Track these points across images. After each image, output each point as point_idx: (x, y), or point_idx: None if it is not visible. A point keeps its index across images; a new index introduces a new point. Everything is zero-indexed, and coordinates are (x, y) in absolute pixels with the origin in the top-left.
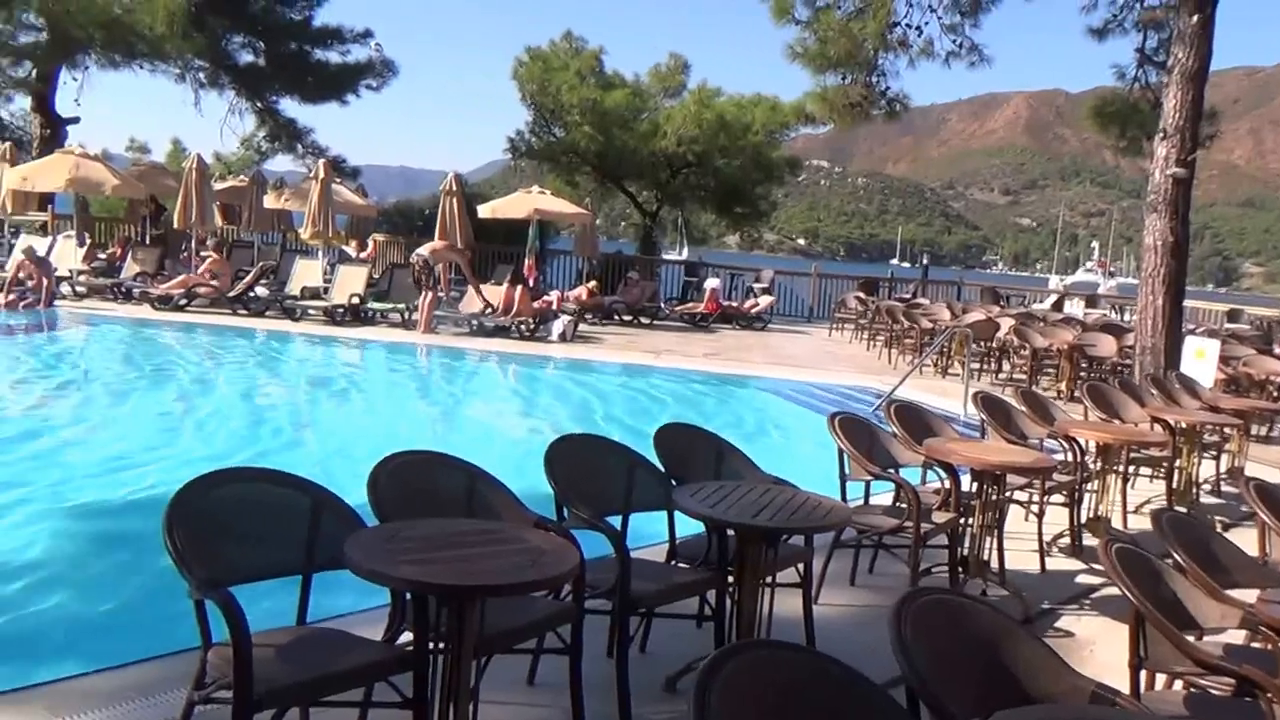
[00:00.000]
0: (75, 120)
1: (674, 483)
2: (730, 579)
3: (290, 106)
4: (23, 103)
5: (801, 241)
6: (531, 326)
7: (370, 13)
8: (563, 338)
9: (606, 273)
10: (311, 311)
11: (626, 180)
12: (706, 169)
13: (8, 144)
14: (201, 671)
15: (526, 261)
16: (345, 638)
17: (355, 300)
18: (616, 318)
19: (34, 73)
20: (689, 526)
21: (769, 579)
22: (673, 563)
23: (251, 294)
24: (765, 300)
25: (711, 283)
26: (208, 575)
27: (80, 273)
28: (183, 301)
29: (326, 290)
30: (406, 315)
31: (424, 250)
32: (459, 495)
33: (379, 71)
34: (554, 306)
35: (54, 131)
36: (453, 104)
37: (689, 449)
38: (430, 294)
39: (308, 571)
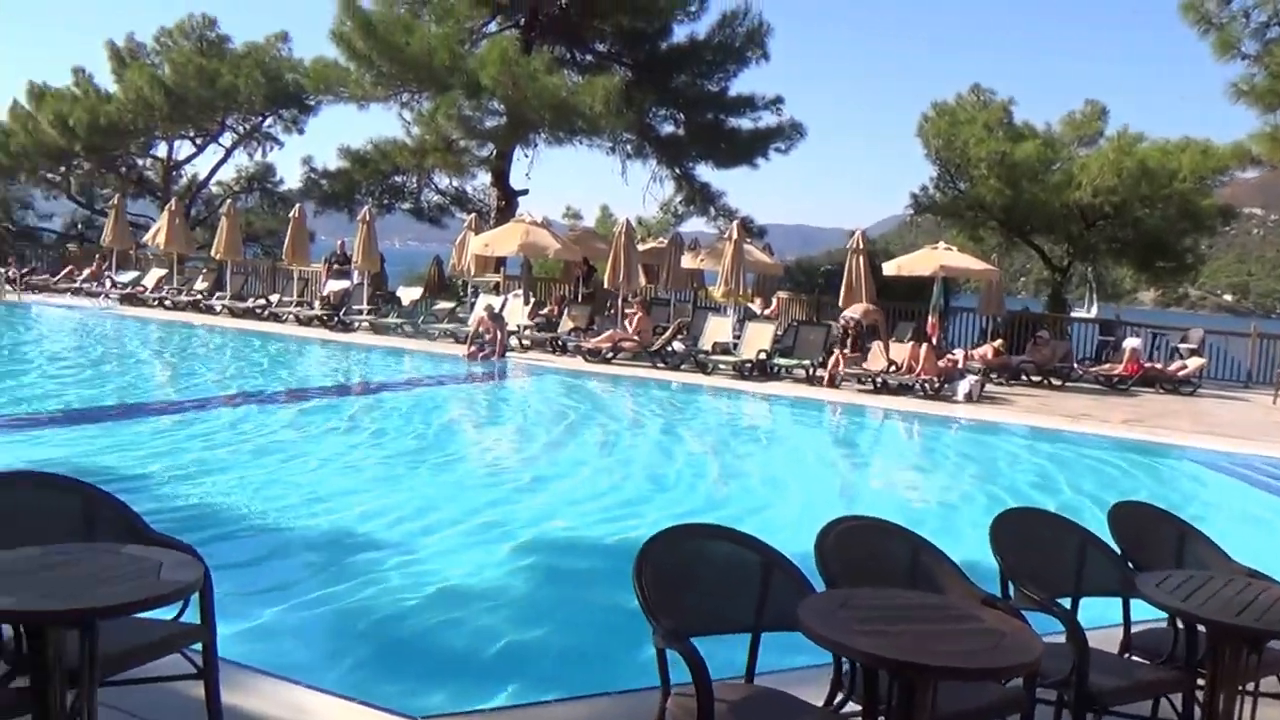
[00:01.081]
0: (525, 192)
1: (1131, 566)
2: (1200, 681)
3: (705, 172)
4: (484, 178)
5: (1229, 297)
6: (936, 385)
7: (774, 77)
8: (969, 398)
9: (1012, 331)
10: (722, 366)
11: (1035, 234)
12: (1125, 220)
13: (473, 215)
14: (661, 715)
15: (930, 319)
16: (792, 701)
17: (762, 355)
18: (1024, 378)
19: (494, 152)
20: (1140, 613)
21: (1249, 686)
22: (1127, 655)
23: (669, 349)
24: (1195, 363)
25: (1131, 342)
26: (673, 626)
27: (526, 328)
28: (610, 355)
29: (735, 346)
30: (811, 371)
31: (854, 313)
32: (903, 564)
33: (788, 135)
34: (959, 365)
35: (508, 203)
36: (849, 162)
37: (1147, 530)
38: (839, 352)
39: (757, 629)
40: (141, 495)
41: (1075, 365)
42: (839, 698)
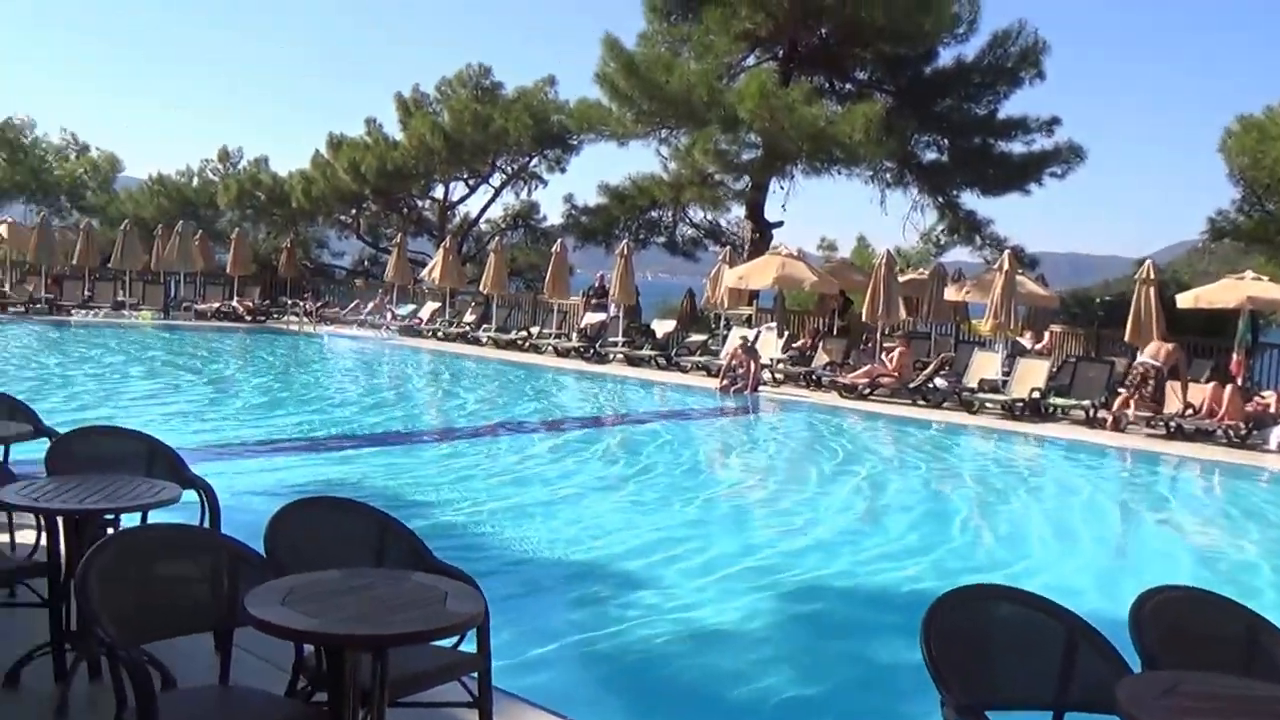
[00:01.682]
0: (779, 224)
1: None
2: None
3: (970, 199)
4: (738, 211)
5: None
6: (1242, 432)
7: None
8: None
9: None
10: (989, 405)
11: None
12: None
13: (727, 248)
14: None
15: (1235, 357)
16: None
17: (1035, 395)
18: None
19: (749, 184)
20: None
21: None
22: None
23: (931, 385)
24: None
25: None
26: (966, 699)
27: (779, 361)
28: (866, 390)
29: (1005, 383)
30: (1092, 412)
31: (1153, 357)
32: (1236, 644)
33: (1064, 158)
34: (1271, 410)
35: (762, 235)
36: (1125, 185)
37: None
38: (1130, 395)
39: (1061, 707)
40: (414, 520)
41: None
42: None
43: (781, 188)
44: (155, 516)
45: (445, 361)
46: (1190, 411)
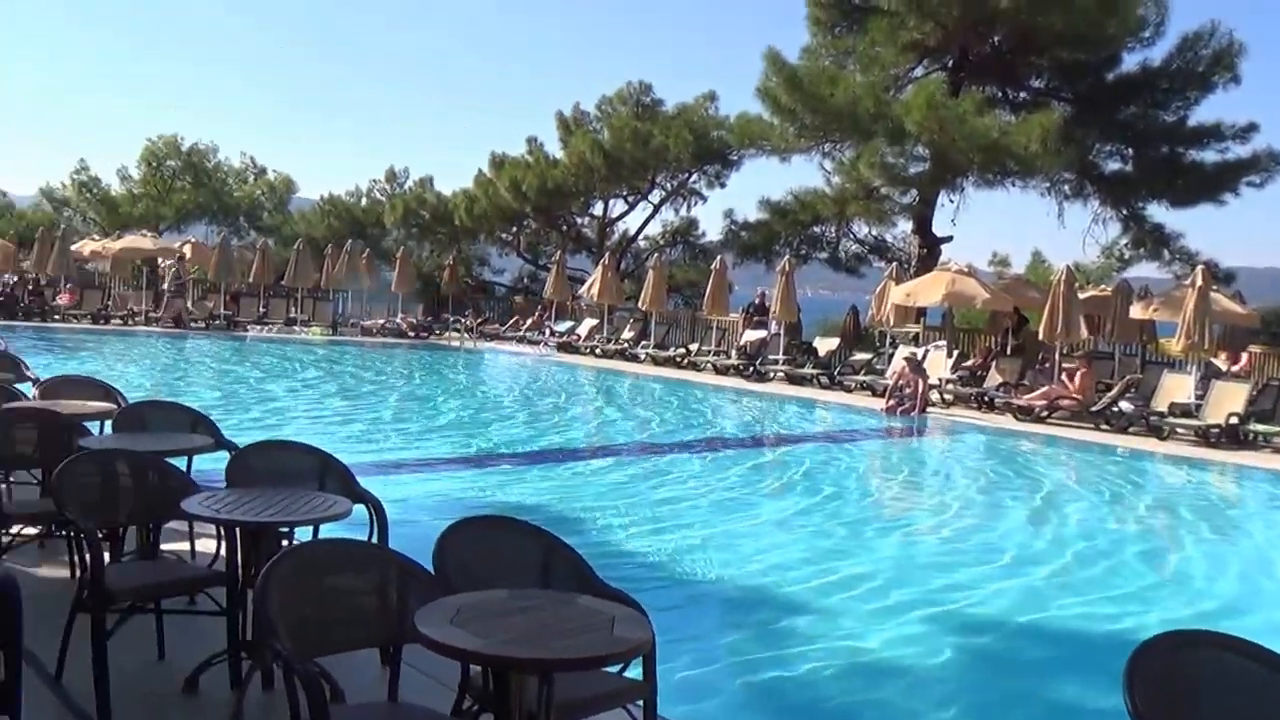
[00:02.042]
0: (948, 239)
1: None
2: None
3: (1158, 211)
4: (905, 226)
5: None
6: None
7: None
8: None
9: None
10: (1180, 430)
11: None
12: None
13: (893, 264)
14: None
15: None
16: None
17: (1233, 420)
18: None
19: (917, 198)
20: None
21: None
22: None
23: (1114, 408)
24: None
25: None
26: None
27: (948, 381)
28: (1044, 413)
29: (1198, 408)
30: None
31: None
32: None
33: (1264, 166)
34: None
35: (930, 250)
36: None
37: None
38: None
39: None
40: (574, 540)
41: None
42: None
43: (951, 201)
44: (326, 530)
45: (603, 378)
46: None
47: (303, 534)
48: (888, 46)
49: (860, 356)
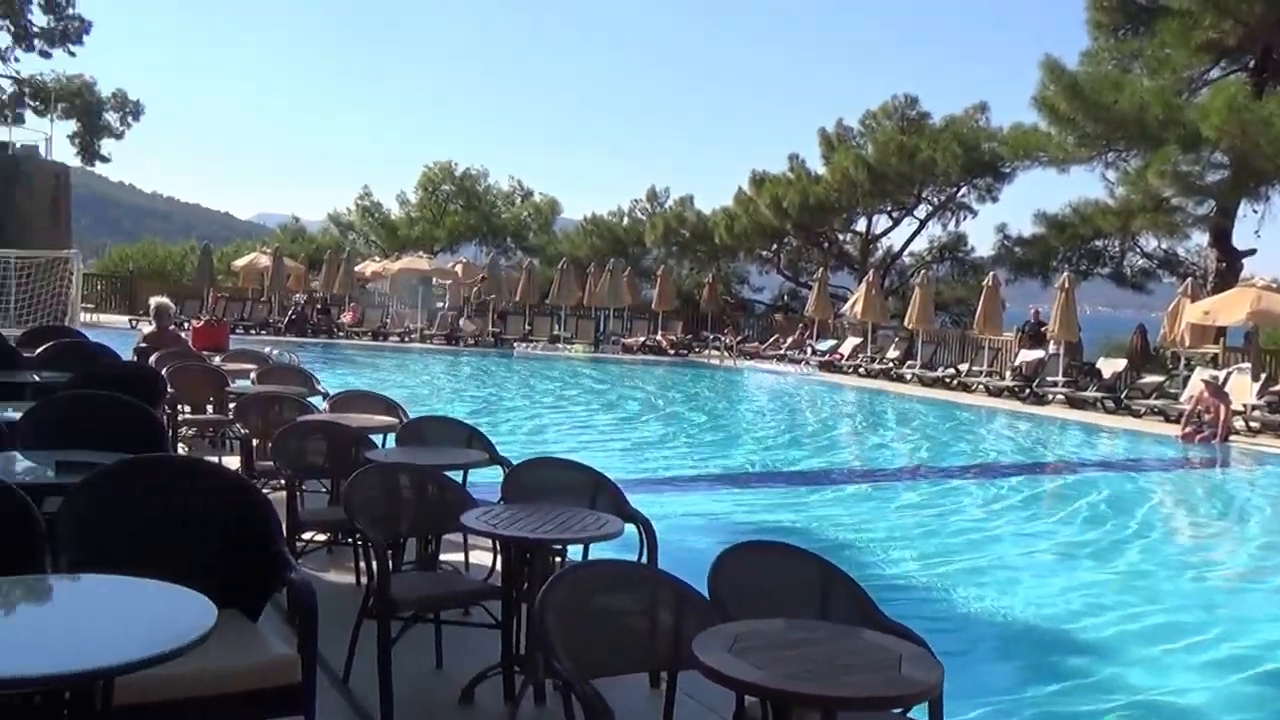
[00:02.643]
0: (1251, 252)
1: None
2: None
3: None
4: (1200, 238)
5: None
6: None
7: None
8: None
9: None
10: None
11: None
12: None
13: (1187, 280)
14: None
15: None
16: None
17: None
18: None
19: (1214, 209)
20: None
21: None
22: None
23: None
24: None
25: None
26: None
27: (1254, 407)
28: None
29: None
30: None
31: None
32: None
33: None
34: None
35: (1229, 265)
36: None
37: None
38: None
39: None
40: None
41: None
42: None
43: (1254, 211)
44: (595, 549)
45: (868, 399)
46: None
47: (573, 551)
48: (1179, 48)
49: (1150, 379)
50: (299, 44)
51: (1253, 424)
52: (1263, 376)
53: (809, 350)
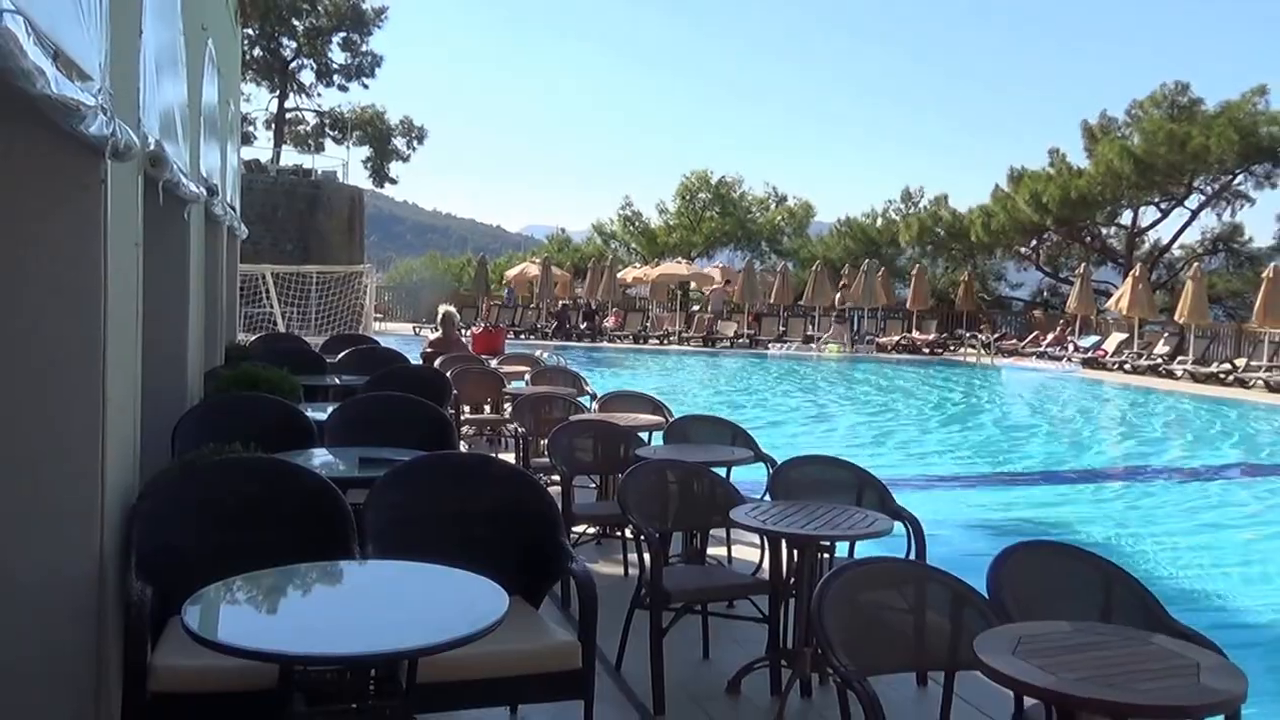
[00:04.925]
0: None
1: None
2: None
3: None
4: None
5: None
6: None
7: None
8: None
9: None
10: None
11: None
12: None
13: None
14: None
15: None
16: None
17: None
18: None
19: None
20: None
21: None
22: None
23: None
24: None
25: None
26: None
27: None
28: None
29: None
30: None
31: None
32: None
33: None
34: None
35: None
36: None
37: None
38: None
39: None
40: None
41: None
42: None
43: None
44: (862, 547)
45: (1135, 396)
46: None
47: (841, 548)
48: None
49: None
50: (563, 65)
51: None
52: None
53: (1070, 347)
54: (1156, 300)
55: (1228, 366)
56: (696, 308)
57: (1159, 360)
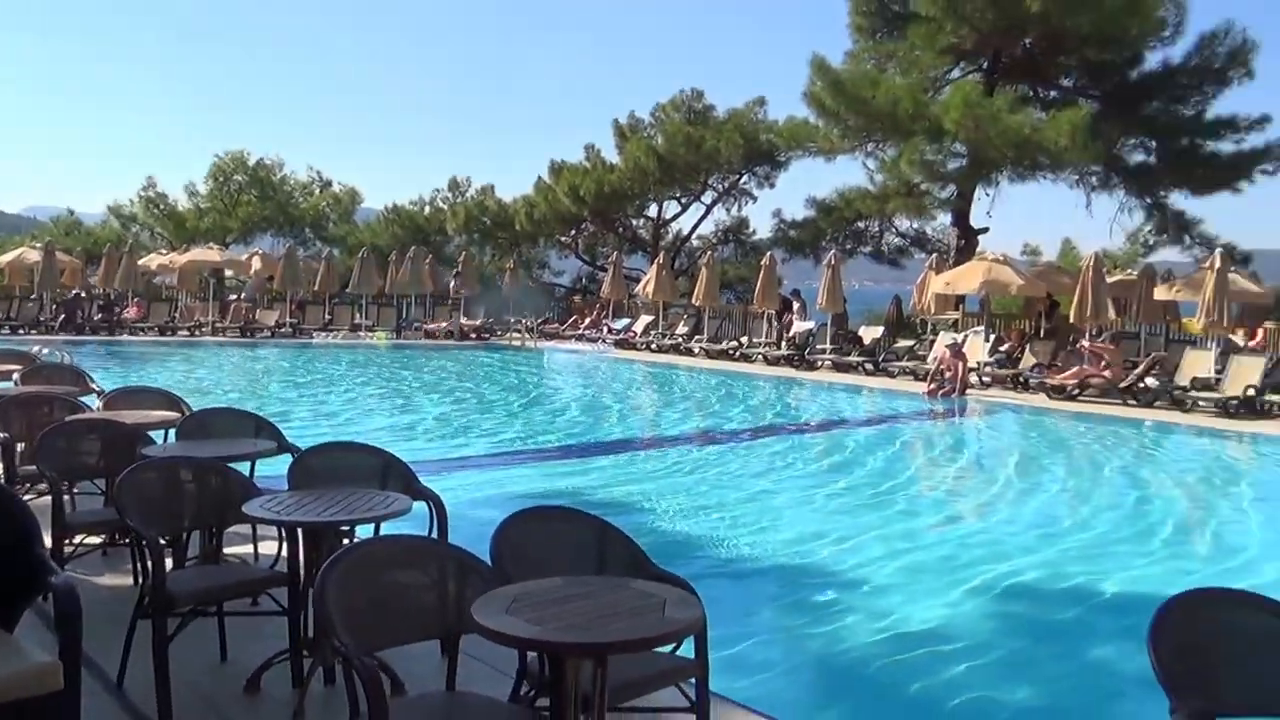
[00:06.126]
0: (985, 230)
1: None
2: None
3: (1179, 199)
4: (944, 219)
5: None
6: None
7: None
8: None
9: None
10: (1202, 403)
11: None
12: None
13: (933, 255)
14: None
15: None
16: None
17: (1250, 392)
18: None
19: (955, 193)
20: None
21: None
22: None
23: (1141, 385)
24: None
25: None
26: (1202, 707)
27: (985, 364)
28: (1075, 391)
29: (1218, 381)
30: None
31: None
32: None
33: (1277, 155)
34: None
35: (968, 241)
36: None
37: None
38: None
39: None
40: (631, 528)
41: None
42: None
43: (987, 194)
44: (387, 528)
45: (659, 372)
46: None
47: (365, 533)
48: (926, 50)
49: (903, 343)
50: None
51: (985, 379)
52: (993, 338)
53: (605, 329)
54: (679, 286)
55: (735, 343)
56: (234, 297)
57: (679, 339)
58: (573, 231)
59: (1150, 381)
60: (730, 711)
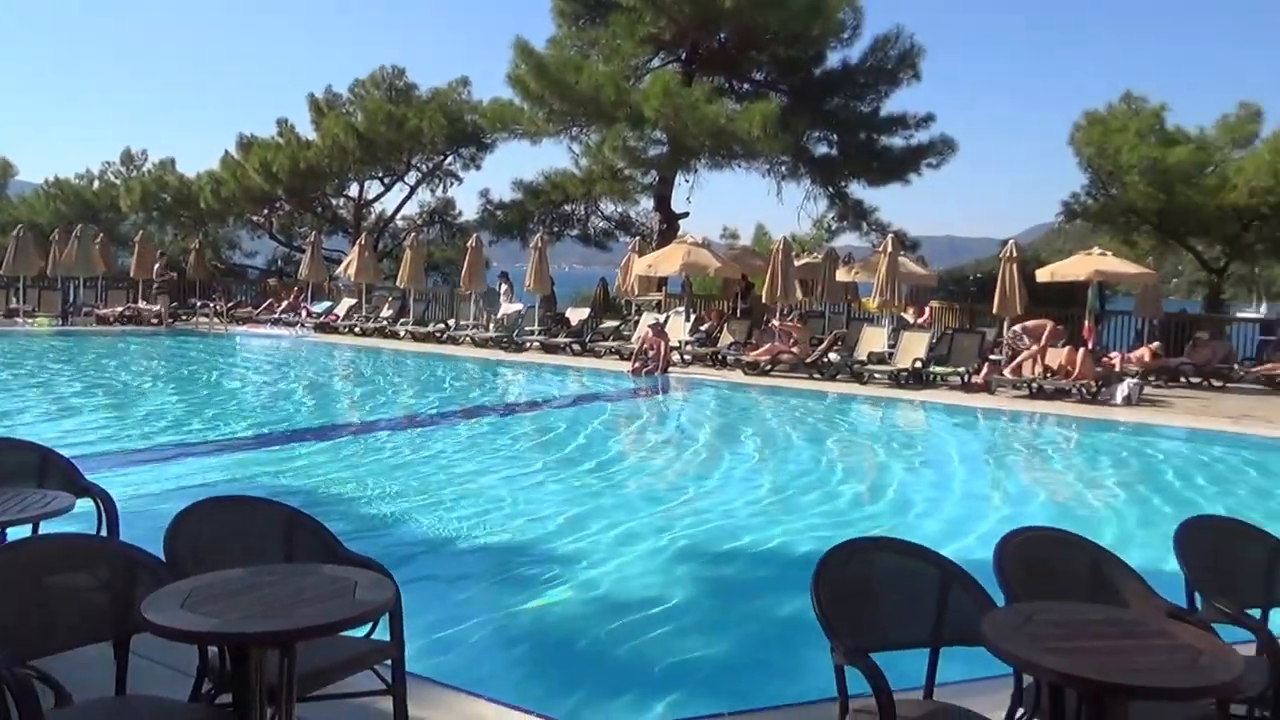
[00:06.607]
0: (685, 215)
1: None
2: None
3: (857, 189)
4: (647, 204)
5: None
6: (1094, 389)
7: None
8: (1127, 401)
9: (1168, 333)
10: (877, 375)
11: (1189, 237)
12: None
13: (637, 238)
14: None
15: (1086, 323)
16: (972, 717)
17: (918, 364)
18: (1184, 380)
19: (657, 178)
20: None
21: None
22: None
23: (826, 360)
24: None
25: None
26: (854, 644)
27: (687, 343)
28: (768, 367)
29: (891, 355)
30: (966, 378)
31: (1035, 334)
32: (1084, 576)
33: (939, 150)
34: (1116, 369)
35: (670, 225)
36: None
37: None
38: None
39: (937, 644)
40: (328, 513)
41: (1236, 366)
42: (1020, 713)
43: (686, 181)
44: (49, 527)
45: (362, 356)
46: (1049, 374)
47: (21, 534)
48: (627, 39)
49: (609, 324)
50: None
51: (686, 357)
52: (693, 318)
53: (304, 313)
54: (383, 268)
55: (442, 326)
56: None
57: (384, 322)
58: (266, 211)
59: (833, 357)
60: (430, 690)
